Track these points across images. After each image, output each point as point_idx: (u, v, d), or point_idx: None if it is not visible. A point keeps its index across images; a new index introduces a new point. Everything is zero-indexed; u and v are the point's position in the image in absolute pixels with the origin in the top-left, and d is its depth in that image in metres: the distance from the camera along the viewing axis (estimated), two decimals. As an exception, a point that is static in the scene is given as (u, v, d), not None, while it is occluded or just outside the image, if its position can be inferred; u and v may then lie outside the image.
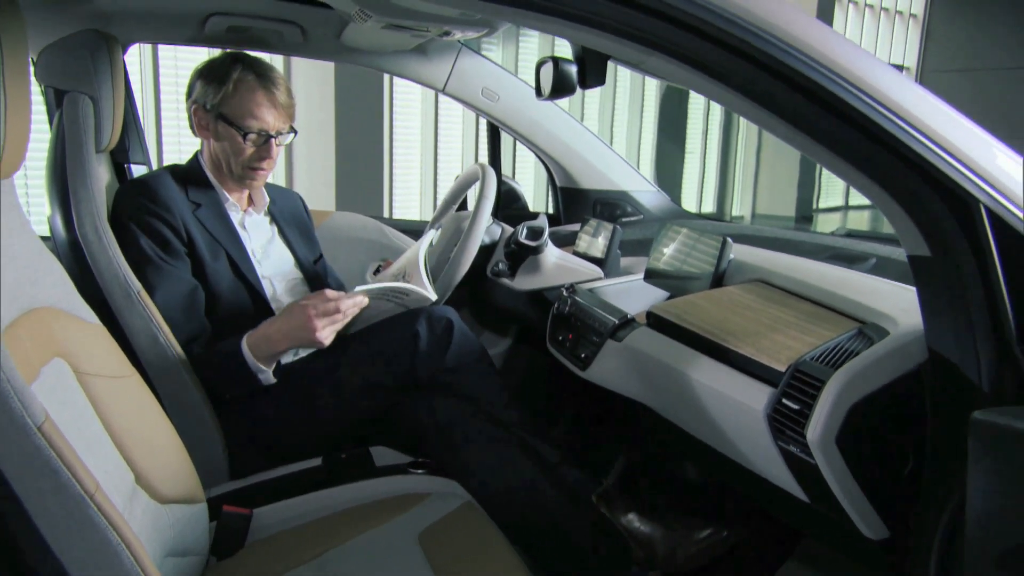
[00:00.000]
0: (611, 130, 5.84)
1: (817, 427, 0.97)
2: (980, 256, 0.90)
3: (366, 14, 1.42)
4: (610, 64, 1.34)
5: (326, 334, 1.47)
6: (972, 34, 7.89)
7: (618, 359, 1.40)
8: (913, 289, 0.98)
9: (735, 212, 7.30)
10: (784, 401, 1.03)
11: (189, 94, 1.68)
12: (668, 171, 6.71)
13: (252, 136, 1.62)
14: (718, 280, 1.48)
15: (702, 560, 1.44)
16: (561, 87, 1.55)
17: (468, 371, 1.55)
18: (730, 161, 7.18)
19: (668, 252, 1.62)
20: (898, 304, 1.13)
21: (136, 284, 1.46)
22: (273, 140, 1.65)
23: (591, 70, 1.46)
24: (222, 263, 1.63)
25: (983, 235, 0.90)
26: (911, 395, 1.00)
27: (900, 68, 8.25)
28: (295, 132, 1.72)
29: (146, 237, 1.54)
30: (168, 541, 1.14)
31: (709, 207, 7.14)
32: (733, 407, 1.12)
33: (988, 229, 0.90)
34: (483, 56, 2.08)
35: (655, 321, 1.37)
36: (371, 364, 1.54)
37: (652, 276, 1.66)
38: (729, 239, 1.49)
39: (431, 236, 1.73)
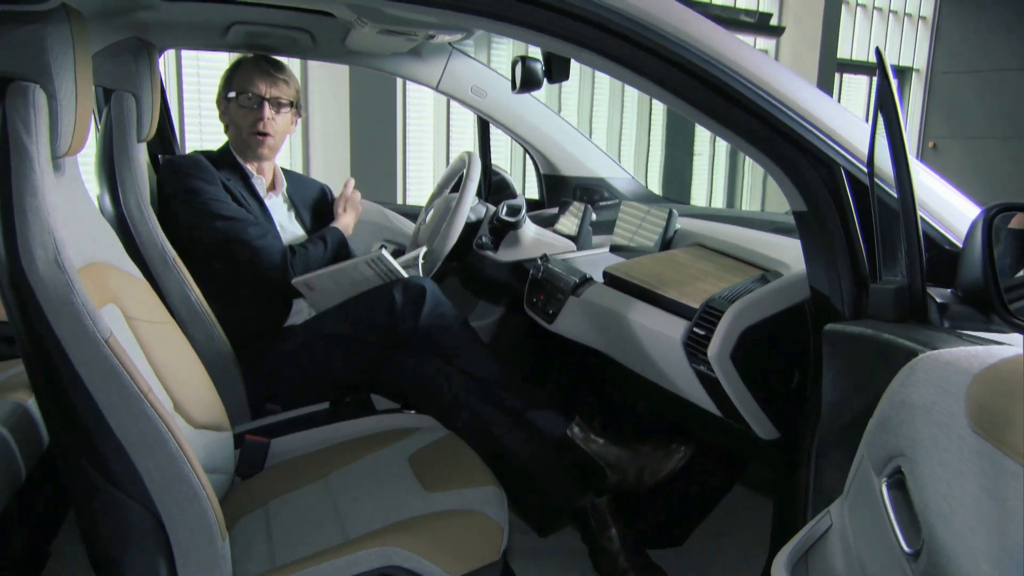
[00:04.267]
0: (590, 124, 6.05)
1: (715, 346, 1.21)
2: (841, 208, 1.13)
3: (363, 21, 1.68)
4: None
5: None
6: (981, 36, 8.01)
7: (577, 312, 1.64)
8: None
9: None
10: (695, 330, 1.28)
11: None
12: (677, 172, 6.88)
13: (244, 98, 1.92)
14: (666, 245, 1.73)
15: (664, 474, 1.67)
16: (529, 81, 1.81)
17: (442, 331, 1.80)
18: (739, 163, 7.34)
19: (627, 226, 1.87)
20: (795, 255, 1.36)
21: (171, 251, 1.73)
22: (266, 103, 1.93)
23: (556, 67, 1.71)
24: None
25: (843, 192, 1.13)
26: (798, 323, 1.24)
27: (910, 70, 8.36)
28: (296, 110, 2.01)
29: (205, 187, 1.85)
30: (201, 459, 1.38)
31: (718, 207, 7.30)
32: (660, 339, 1.37)
33: (847, 187, 1.13)
34: (471, 57, 2.33)
35: (609, 279, 1.62)
36: (357, 324, 1.80)
37: (616, 248, 1.91)
38: (674, 210, 1.73)
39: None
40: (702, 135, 6.97)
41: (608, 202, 2.44)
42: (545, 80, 1.79)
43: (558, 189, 2.49)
